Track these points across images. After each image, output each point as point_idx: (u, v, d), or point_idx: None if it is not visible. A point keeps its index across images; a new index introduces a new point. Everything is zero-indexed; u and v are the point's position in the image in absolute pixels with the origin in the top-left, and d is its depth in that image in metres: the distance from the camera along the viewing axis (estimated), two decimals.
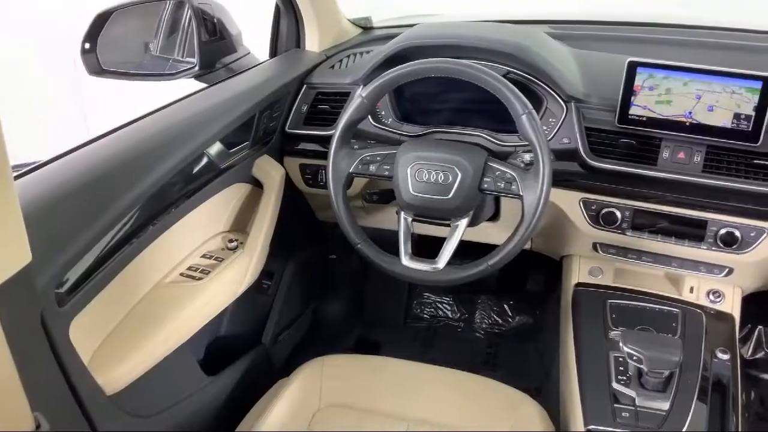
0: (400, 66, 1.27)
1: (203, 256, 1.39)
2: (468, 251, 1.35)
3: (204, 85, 1.52)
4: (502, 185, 1.24)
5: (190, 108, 1.36)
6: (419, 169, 1.26)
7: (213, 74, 1.59)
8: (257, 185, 1.52)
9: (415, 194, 1.26)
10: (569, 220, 1.44)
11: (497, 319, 2.22)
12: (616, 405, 1.18)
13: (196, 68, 1.55)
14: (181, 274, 1.32)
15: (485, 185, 1.25)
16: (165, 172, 1.18)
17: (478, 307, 2.25)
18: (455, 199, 1.25)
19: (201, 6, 1.55)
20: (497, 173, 1.24)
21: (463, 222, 1.29)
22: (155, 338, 1.17)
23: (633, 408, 1.17)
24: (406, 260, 1.29)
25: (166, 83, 1.62)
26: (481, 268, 1.25)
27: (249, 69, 1.59)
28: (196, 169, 1.32)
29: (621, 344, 1.17)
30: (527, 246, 1.65)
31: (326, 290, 2.08)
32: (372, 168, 1.31)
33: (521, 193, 1.21)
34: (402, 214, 1.31)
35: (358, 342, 2.12)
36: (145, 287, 1.25)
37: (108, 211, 1.05)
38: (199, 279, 1.31)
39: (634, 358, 1.16)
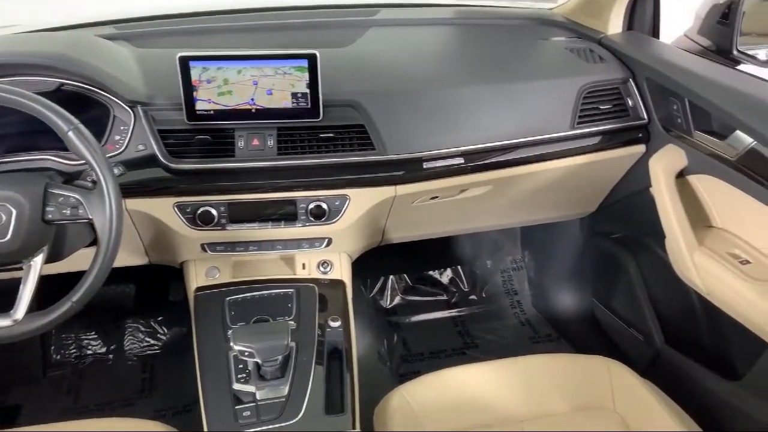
0: None
1: None
2: None
3: None
4: (69, 212, 1.11)
5: None
6: None
7: None
8: None
9: None
10: (170, 228, 1.37)
11: (148, 339, 2.08)
12: (237, 407, 1.15)
13: None
14: None
15: (49, 216, 1.10)
16: None
17: (126, 332, 2.09)
18: (16, 240, 1.08)
19: None
20: (60, 199, 1.11)
21: (37, 261, 1.12)
22: None
23: (254, 404, 1.16)
24: None
25: None
26: (67, 308, 1.10)
27: None
28: None
29: (231, 343, 1.15)
30: (146, 261, 1.55)
31: None
32: None
33: (90, 217, 1.10)
34: None
35: None
36: None
37: None
38: None
39: (246, 354, 1.14)
